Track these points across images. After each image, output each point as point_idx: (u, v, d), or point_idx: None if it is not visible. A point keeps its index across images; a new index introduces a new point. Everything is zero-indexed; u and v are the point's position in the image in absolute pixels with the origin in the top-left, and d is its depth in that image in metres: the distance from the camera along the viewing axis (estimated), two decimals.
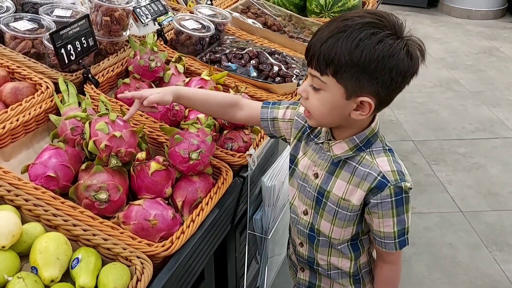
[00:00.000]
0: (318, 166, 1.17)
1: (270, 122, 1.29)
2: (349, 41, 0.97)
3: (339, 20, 1.01)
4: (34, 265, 1.02)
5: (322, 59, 1.00)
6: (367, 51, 0.97)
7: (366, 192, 1.10)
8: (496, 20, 6.04)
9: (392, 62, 0.98)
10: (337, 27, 1.00)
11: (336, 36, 0.99)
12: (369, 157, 1.11)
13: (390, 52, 0.97)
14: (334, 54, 0.98)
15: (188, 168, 1.27)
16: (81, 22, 1.50)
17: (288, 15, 2.47)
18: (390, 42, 0.98)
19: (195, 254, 1.22)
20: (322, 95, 1.05)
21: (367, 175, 1.10)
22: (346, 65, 0.98)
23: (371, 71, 0.98)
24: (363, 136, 1.11)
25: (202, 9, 2.06)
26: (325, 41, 1.00)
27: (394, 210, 1.10)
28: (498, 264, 2.47)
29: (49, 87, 1.46)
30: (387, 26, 0.99)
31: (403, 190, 1.09)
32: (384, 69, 0.98)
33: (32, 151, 1.39)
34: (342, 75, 1.00)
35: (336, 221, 1.16)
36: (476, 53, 5.05)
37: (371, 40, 0.97)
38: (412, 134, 3.57)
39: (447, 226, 2.71)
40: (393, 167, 1.10)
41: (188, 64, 1.78)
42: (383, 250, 1.17)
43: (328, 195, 1.15)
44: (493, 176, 3.15)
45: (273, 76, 1.81)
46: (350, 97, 1.02)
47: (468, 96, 4.17)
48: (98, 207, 1.18)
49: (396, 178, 1.09)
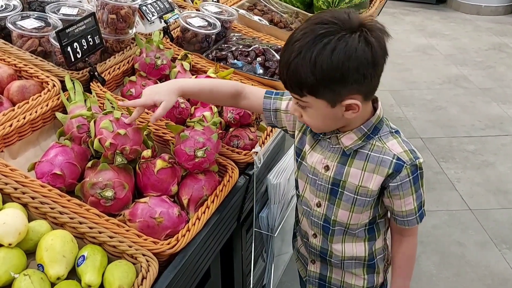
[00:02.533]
0: (328, 158, 1.18)
1: (272, 112, 1.30)
2: (306, 62, 0.99)
3: (292, 42, 1.02)
4: (40, 263, 1.03)
5: (294, 84, 1.04)
6: (326, 64, 0.98)
7: (385, 177, 1.13)
8: (506, 15, 5.97)
9: (354, 62, 0.98)
10: (292, 51, 1.01)
11: (294, 60, 1.00)
12: (379, 143, 1.13)
13: (347, 54, 0.97)
14: (300, 78, 1.01)
15: (193, 166, 1.27)
16: (87, 20, 1.50)
17: (295, 12, 2.46)
18: (344, 44, 0.97)
19: (201, 252, 1.22)
20: (309, 111, 1.09)
21: (381, 161, 1.12)
22: (314, 83, 1.01)
23: (339, 78, 1.00)
24: (370, 124, 1.13)
25: (208, 6, 2.06)
26: (288, 67, 1.02)
27: (413, 187, 1.15)
28: (508, 262, 2.45)
29: (56, 85, 1.46)
30: (339, 27, 0.99)
31: (417, 167, 1.14)
32: (350, 71, 0.99)
33: (39, 149, 1.39)
34: (317, 92, 1.03)
35: (355, 208, 1.19)
36: (486, 49, 5.00)
37: (325, 52, 0.98)
38: (420, 132, 3.55)
39: (456, 224, 2.69)
40: (404, 147, 1.13)
41: (194, 61, 1.78)
42: (405, 227, 1.22)
43: (344, 185, 1.17)
44: (503, 173, 3.12)
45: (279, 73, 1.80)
46: (335, 105, 1.05)
47: (478, 93, 4.13)
48: (104, 204, 1.19)
49: (410, 158, 1.12)
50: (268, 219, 1.62)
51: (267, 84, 1.76)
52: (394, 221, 1.23)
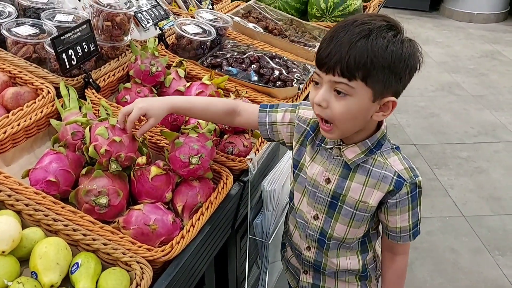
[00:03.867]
0: (330, 171, 1.17)
1: (268, 126, 1.27)
2: (378, 43, 0.98)
3: (356, 24, 1.00)
4: (34, 270, 1.02)
5: (352, 64, 0.98)
6: (396, 52, 0.99)
7: (385, 193, 1.13)
8: (498, 23, 6.04)
9: (413, 61, 1.02)
10: (362, 30, 0.99)
11: (363, 39, 0.98)
12: (381, 158, 1.13)
13: (412, 51, 1.01)
14: (366, 57, 0.98)
15: (188, 172, 1.27)
16: (82, 27, 1.50)
17: (289, 19, 2.47)
18: (408, 43, 1.01)
19: (195, 259, 1.22)
20: (348, 100, 1.02)
21: (383, 177, 1.12)
22: (378, 67, 0.98)
23: (398, 71, 1.01)
24: (374, 139, 1.13)
25: (203, 13, 2.07)
26: (353, 45, 0.98)
27: (410, 205, 1.15)
28: (501, 269, 2.46)
29: (50, 92, 1.46)
30: (399, 28, 1.03)
31: (417, 186, 1.14)
32: (407, 68, 1.02)
33: (33, 155, 1.39)
34: (372, 78, 0.99)
35: (353, 223, 1.19)
36: (478, 57, 5.05)
37: (396, 41, 0.99)
38: (414, 138, 3.57)
39: (449, 231, 2.70)
40: (405, 165, 1.14)
41: (189, 68, 1.78)
42: (397, 243, 1.21)
43: (344, 199, 1.17)
44: (496, 180, 3.14)
45: (274, 80, 1.81)
46: (376, 99, 1.03)
47: (471, 100, 4.16)
48: (98, 211, 1.18)
49: (410, 176, 1.13)
50: (262, 226, 1.62)
51: (261, 91, 1.77)
52: (387, 236, 1.22)
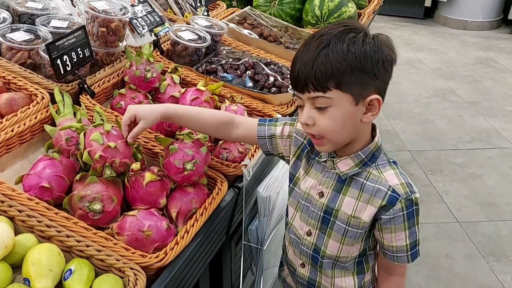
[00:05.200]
0: (323, 184, 1.15)
1: (268, 139, 1.26)
2: (338, 49, 1.00)
3: (315, 38, 1.03)
4: (27, 277, 1.01)
5: (320, 76, 1.00)
6: (358, 52, 1.00)
7: (378, 209, 1.09)
8: (491, 30, 6.10)
9: (381, 55, 1.02)
10: (320, 43, 1.01)
11: (323, 50, 1.00)
12: (375, 172, 1.10)
13: (376, 46, 1.02)
14: (330, 66, 0.99)
15: (182, 178, 1.27)
16: (77, 33, 1.50)
17: (284, 26, 2.48)
18: (371, 38, 1.03)
19: (190, 265, 1.21)
20: (330, 112, 1.03)
21: (376, 191, 1.09)
22: (345, 71, 1.00)
23: (369, 69, 1.01)
24: (368, 151, 1.10)
25: (199, 20, 2.07)
26: (315, 59, 1.00)
27: (406, 223, 1.10)
28: (495, 275, 2.46)
29: (45, 98, 1.46)
30: (359, 29, 1.03)
31: (413, 202, 1.09)
32: (378, 63, 1.02)
33: (27, 161, 1.38)
34: (345, 83, 1.01)
35: (345, 240, 1.15)
36: (472, 64, 5.09)
37: (357, 42, 1.00)
38: (409, 144, 3.58)
39: (444, 237, 2.70)
40: (401, 180, 1.10)
41: (184, 74, 1.78)
42: (394, 263, 1.16)
43: (337, 214, 1.13)
44: (490, 186, 3.16)
45: (268, 86, 1.82)
46: (359, 101, 1.03)
47: (465, 106, 4.19)
48: (92, 218, 1.18)
49: (406, 191, 1.08)
50: (257, 232, 1.62)
51: (256, 97, 1.77)
52: (383, 255, 1.17)
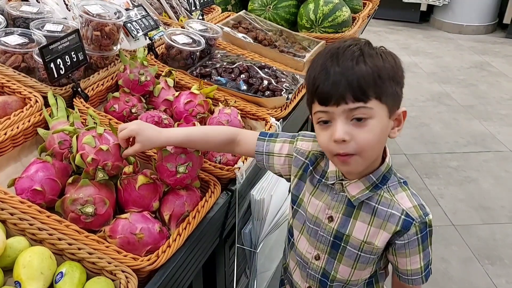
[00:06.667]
0: (332, 208, 1.10)
1: (265, 156, 1.22)
2: (374, 58, 0.97)
3: (343, 50, 0.98)
4: (18, 280, 1.01)
5: (363, 84, 0.95)
6: (392, 62, 0.99)
7: (392, 234, 1.06)
8: (487, 35, 6.13)
9: (400, 66, 1.01)
10: (352, 52, 0.97)
11: (360, 59, 0.96)
12: (387, 195, 1.06)
13: (395, 58, 1.01)
14: (372, 74, 0.95)
15: (175, 181, 1.27)
16: (71, 37, 1.51)
17: (279, 30, 2.49)
18: (389, 52, 1.01)
19: (182, 268, 1.21)
20: (370, 124, 0.97)
21: (390, 215, 1.05)
22: (385, 80, 0.97)
23: (400, 80, 1.00)
24: (379, 173, 1.06)
25: (193, 24, 2.08)
26: (355, 67, 0.95)
27: (420, 246, 1.08)
28: (490, 278, 2.47)
29: (38, 101, 1.46)
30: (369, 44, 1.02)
31: (427, 225, 1.07)
32: (403, 75, 1.02)
33: (20, 164, 1.38)
34: (384, 93, 0.97)
35: (358, 265, 1.12)
36: (468, 68, 5.11)
37: (385, 52, 1.00)
38: (404, 148, 3.59)
39: (439, 240, 2.71)
40: (413, 202, 1.07)
41: (178, 78, 1.79)
42: (409, 285, 1.15)
43: (348, 239, 1.09)
44: (485, 190, 3.17)
45: (263, 90, 1.82)
46: (391, 114, 1.00)
47: (460, 110, 4.20)
48: (84, 220, 1.18)
49: (420, 214, 1.06)
50: (251, 235, 1.62)
51: (250, 101, 1.78)
52: (398, 277, 1.16)
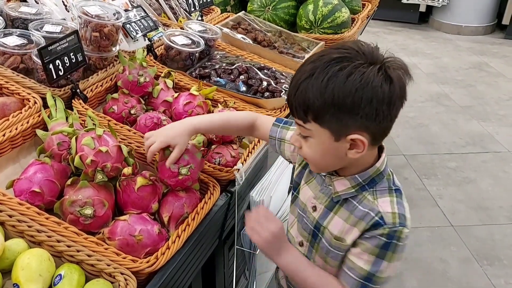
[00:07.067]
0: (318, 199, 1.12)
1: (277, 141, 1.26)
2: (317, 83, 0.92)
3: (306, 63, 0.98)
4: (16, 282, 1.01)
5: (299, 107, 0.97)
6: (338, 88, 0.91)
7: (361, 232, 1.02)
8: (485, 35, 6.14)
9: (368, 92, 0.90)
10: (305, 71, 0.96)
11: (305, 81, 0.94)
12: (370, 197, 1.03)
13: (363, 82, 0.90)
14: (308, 100, 0.94)
15: (176, 183, 1.27)
16: (70, 38, 1.50)
17: (278, 31, 2.49)
18: (361, 72, 0.91)
19: (181, 269, 1.21)
20: (311, 142, 1.00)
21: (365, 215, 1.02)
22: (321, 108, 0.93)
23: (349, 108, 0.91)
24: (366, 176, 1.03)
25: (193, 25, 2.08)
26: (297, 88, 0.96)
27: (378, 249, 1.01)
28: (489, 279, 2.47)
29: (37, 102, 1.46)
30: (358, 56, 0.93)
31: (397, 236, 1.00)
32: (362, 102, 0.91)
33: (18, 166, 1.38)
34: (322, 119, 0.95)
35: (329, 260, 1.11)
36: (466, 68, 5.12)
37: (339, 76, 0.91)
38: (403, 149, 3.59)
39: (438, 241, 2.71)
40: (394, 209, 1.01)
41: (178, 79, 1.79)
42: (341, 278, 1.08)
43: (324, 231, 1.10)
44: (483, 190, 3.17)
45: (262, 91, 1.82)
46: (339, 138, 0.96)
47: (459, 111, 4.21)
48: (83, 222, 1.18)
49: (394, 222, 1.00)
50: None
51: (249, 102, 1.78)
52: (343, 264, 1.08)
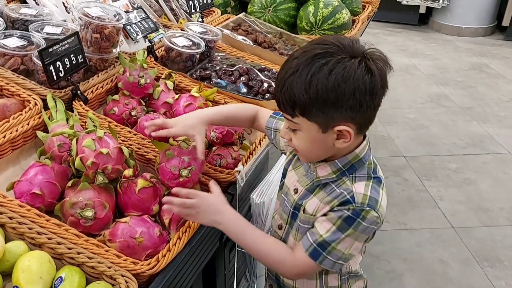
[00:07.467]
0: (301, 182, 1.16)
1: (273, 132, 1.31)
2: (301, 79, 0.97)
3: (290, 59, 1.01)
4: (17, 285, 1.00)
5: (286, 103, 1.01)
6: (321, 84, 0.95)
7: (330, 208, 1.06)
8: (485, 37, 6.14)
9: (351, 85, 0.95)
10: (289, 67, 0.99)
11: (290, 78, 0.98)
12: (349, 182, 1.06)
13: (345, 76, 0.95)
14: (293, 96, 0.98)
15: (177, 185, 1.26)
16: (71, 39, 1.50)
17: (278, 32, 2.49)
18: (343, 66, 0.95)
19: (182, 272, 1.21)
20: (299, 134, 1.05)
21: (338, 195, 1.05)
22: (307, 103, 0.97)
23: (334, 101, 0.96)
24: (345, 161, 1.07)
25: (193, 26, 2.08)
26: (283, 84, 1.00)
27: (340, 221, 1.03)
28: (490, 280, 2.47)
29: (37, 104, 1.45)
30: (340, 50, 0.97)
31: (361, 215, 1.02)
32: (346, 95, 0.96)
33: (19, 168, 1.37)
34: (309, 113, 0.99)
35: (298, 236, 1.14)
36: (466, 70, 5.12)
37: (322, 72, 0.95)
38: (403, 150, 3.59)
39: (438, 242, 2.71)
40: (367, 192, 1.04)
41: (178, 80, 1.78)
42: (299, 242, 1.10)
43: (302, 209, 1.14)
44: (484, 191, 3.17)
45: (262, 92, 1.82)
46: (326, 130, 1.01)
47: (459, 112, 4.21)
48: (84, 224, 1.17)
49: (363, 202, 1.03)
50: None
51: (250, 103, 1.77)
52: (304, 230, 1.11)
